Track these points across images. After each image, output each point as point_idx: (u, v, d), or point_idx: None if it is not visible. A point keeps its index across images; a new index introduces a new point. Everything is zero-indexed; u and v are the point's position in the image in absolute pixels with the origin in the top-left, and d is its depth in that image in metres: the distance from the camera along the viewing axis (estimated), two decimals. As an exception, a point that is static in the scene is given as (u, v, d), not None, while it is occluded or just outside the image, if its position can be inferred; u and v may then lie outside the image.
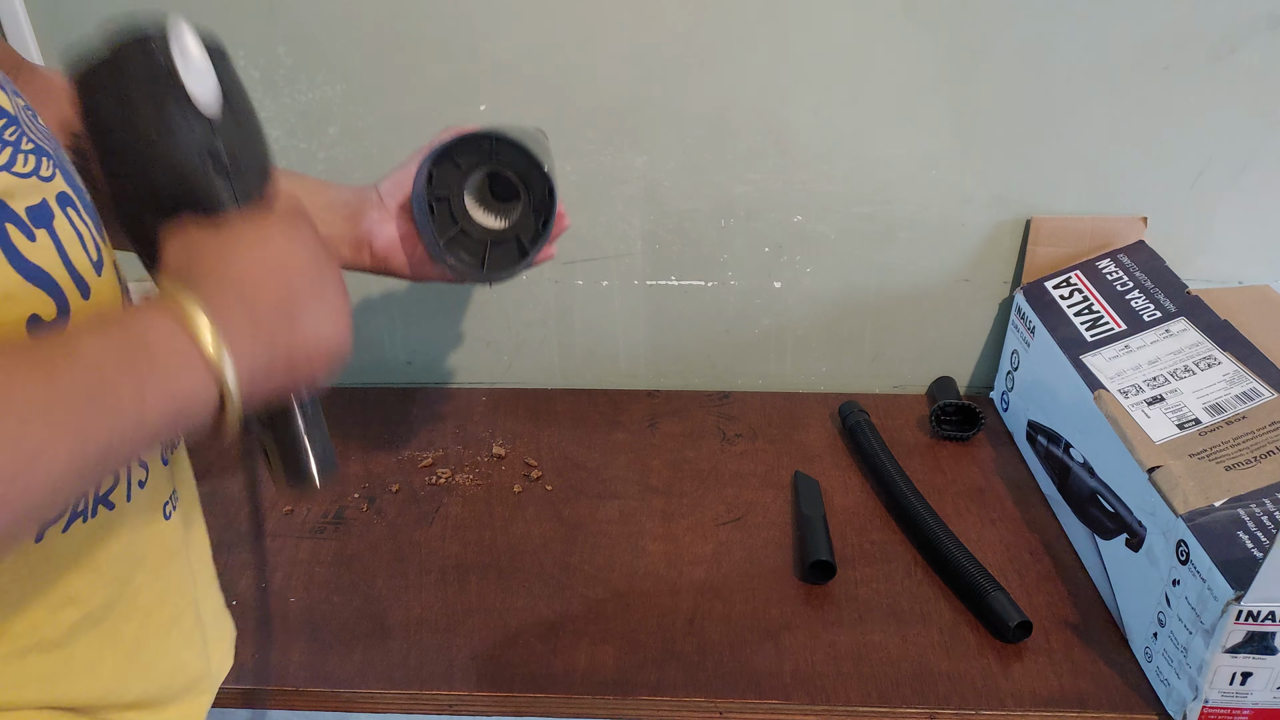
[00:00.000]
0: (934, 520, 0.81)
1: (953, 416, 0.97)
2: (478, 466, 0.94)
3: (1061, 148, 0.92)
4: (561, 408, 1.04)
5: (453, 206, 0.62)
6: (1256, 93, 0.88)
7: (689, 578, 0.79)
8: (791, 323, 1.04)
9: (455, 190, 0.61)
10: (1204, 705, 0.63)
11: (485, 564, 0.81)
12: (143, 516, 0.47)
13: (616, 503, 0.88)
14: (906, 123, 0.92)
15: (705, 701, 0.68)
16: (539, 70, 0.91)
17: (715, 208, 0.97)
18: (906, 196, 0.95)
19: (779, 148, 0.93)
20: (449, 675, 0.70)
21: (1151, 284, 0.87)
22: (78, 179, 0.45)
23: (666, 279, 1.02)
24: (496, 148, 0.59)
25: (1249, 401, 0.71)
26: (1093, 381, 0.79)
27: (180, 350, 0.39)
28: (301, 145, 0.95)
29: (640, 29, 0.88)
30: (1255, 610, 0.58)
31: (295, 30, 0.90)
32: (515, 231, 0.62)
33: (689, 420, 1.01)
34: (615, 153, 0.95)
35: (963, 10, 0.86)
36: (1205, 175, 0.93)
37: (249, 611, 0.75)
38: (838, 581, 0.78)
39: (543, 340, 1.06)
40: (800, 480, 0.90)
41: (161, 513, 0.49)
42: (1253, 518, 0.62)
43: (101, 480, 0.38)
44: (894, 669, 0.70)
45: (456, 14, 0.89)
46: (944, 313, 1.02)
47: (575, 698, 0.68)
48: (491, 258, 0.62)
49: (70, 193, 0.42)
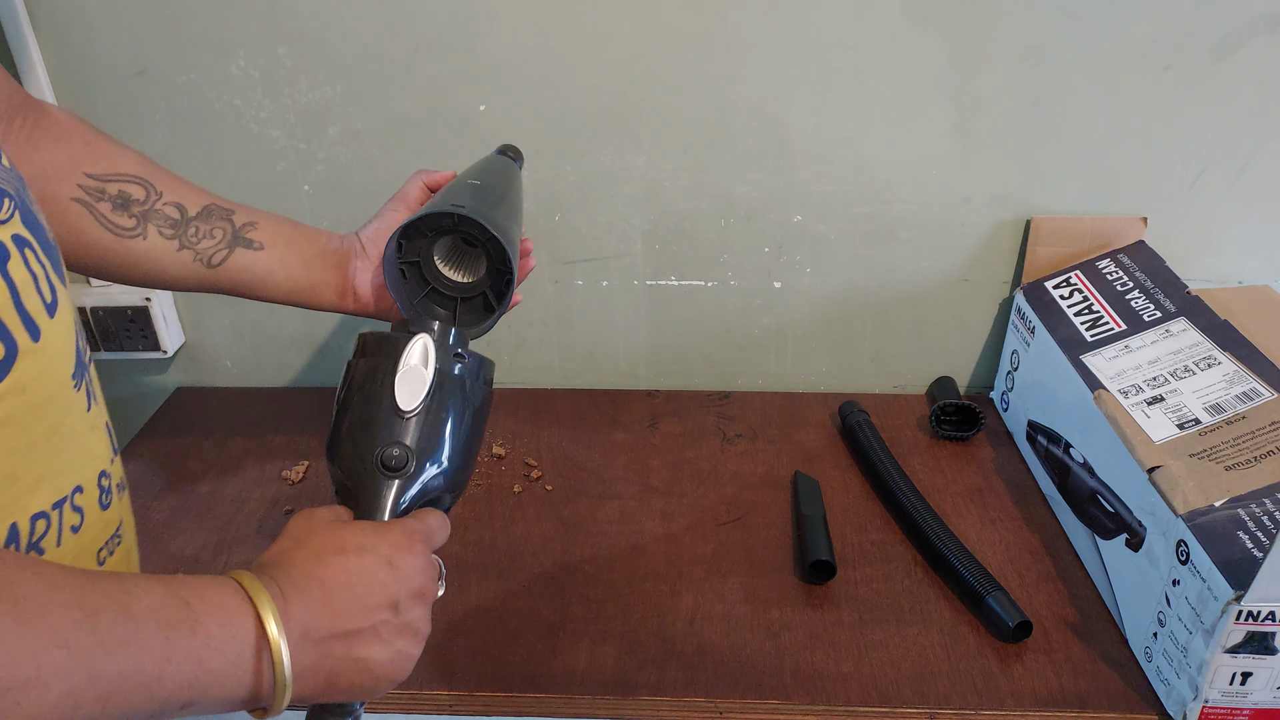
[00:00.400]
0: (934, 520, 0.81)
1: (953, 416, 0.97)
2: (477, 466, 0.94)
3: (1061, 148, 0.92)
4: (561, 408, 1.04)
5: (423, 269, 0.65)
6: (1257, 93, 0.88)
7: (689, 578, 0.79)
8: (791, 323, 1.04)
9: (425, 254, 0.64)
10: (1204, 705, 0.63)
11: (485, 564, 0.81)
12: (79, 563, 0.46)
13: (616, 503, 0.88)
14: (906, 123, 0.92)
15: (705, 701, 0.68)
16: (539, 70, 0.91)
17: (715, 208, 0.97)
18: (906, 196, 0.95)
19: (779, 148, 0.93)
20: (449, 675, 0.70)
21: (1151, 284, 0.87)
22: (40, 217, 0.45)
23: (666, 279, 1.02)
24: (459, 222, 0.62)
25: (1249, 401, 0.71)
26: (1093, 381, 0.79)
27: (235, 633, 0.41)
28: (301, 145, 0.95)
29: (640, 29, 0.89)
30: (1255, 610, 0.58)
31: (295, 30, 0.90)
32: (483, 287, 0.64)
33: (689, 420, 1.01)
34: (615, 153, 0.95)
35: (963, 10, 0.86)
36: (1205, 175, 0.93)
37: (249, 611, 0.76)
38: (838, 581, 0.78)
39: (543, 340, 1.07)
40: (800, 480, 0.90)
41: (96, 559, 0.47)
42: (1253, 518, 0.62)
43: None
44: (894, 669, 0.70)
45: (456, 14, 0.89)
46: (944, 313, 1.02)
47: (575, 698, 0.68)
48: (462, 315, 0.65)
49: (27, 234, 0.42)
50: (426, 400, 0.53)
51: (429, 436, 0.53)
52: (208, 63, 0.92)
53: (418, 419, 0.52)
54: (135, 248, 0.65)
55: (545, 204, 0.98)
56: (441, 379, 0.54)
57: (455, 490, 0.55)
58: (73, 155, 0.62)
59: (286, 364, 1.10)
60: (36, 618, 0.33)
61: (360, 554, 0.47)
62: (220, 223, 0.67)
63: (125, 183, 0.64)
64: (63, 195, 0.62)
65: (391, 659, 0.47)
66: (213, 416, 1.04)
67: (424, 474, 0.52)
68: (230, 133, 0.95)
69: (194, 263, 0.67)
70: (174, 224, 0.66)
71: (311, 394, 1.08)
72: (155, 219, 0.65)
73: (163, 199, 0.65)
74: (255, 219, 0.69)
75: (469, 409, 0.55)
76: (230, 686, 0.41)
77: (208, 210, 0.67)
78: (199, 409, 1.06)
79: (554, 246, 1.00)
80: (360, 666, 0.46)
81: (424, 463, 0.52)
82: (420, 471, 0.52)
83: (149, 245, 0.65)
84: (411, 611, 0.48)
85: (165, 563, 0.81)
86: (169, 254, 0.66)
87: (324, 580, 0.46)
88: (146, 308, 1.01)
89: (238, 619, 0.41)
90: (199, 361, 1.10)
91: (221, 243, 0.67)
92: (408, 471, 0.52)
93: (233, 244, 0.67)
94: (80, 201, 0.62)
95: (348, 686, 0.46)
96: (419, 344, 0.54)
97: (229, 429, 1.01)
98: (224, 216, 0.68)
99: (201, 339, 1.08)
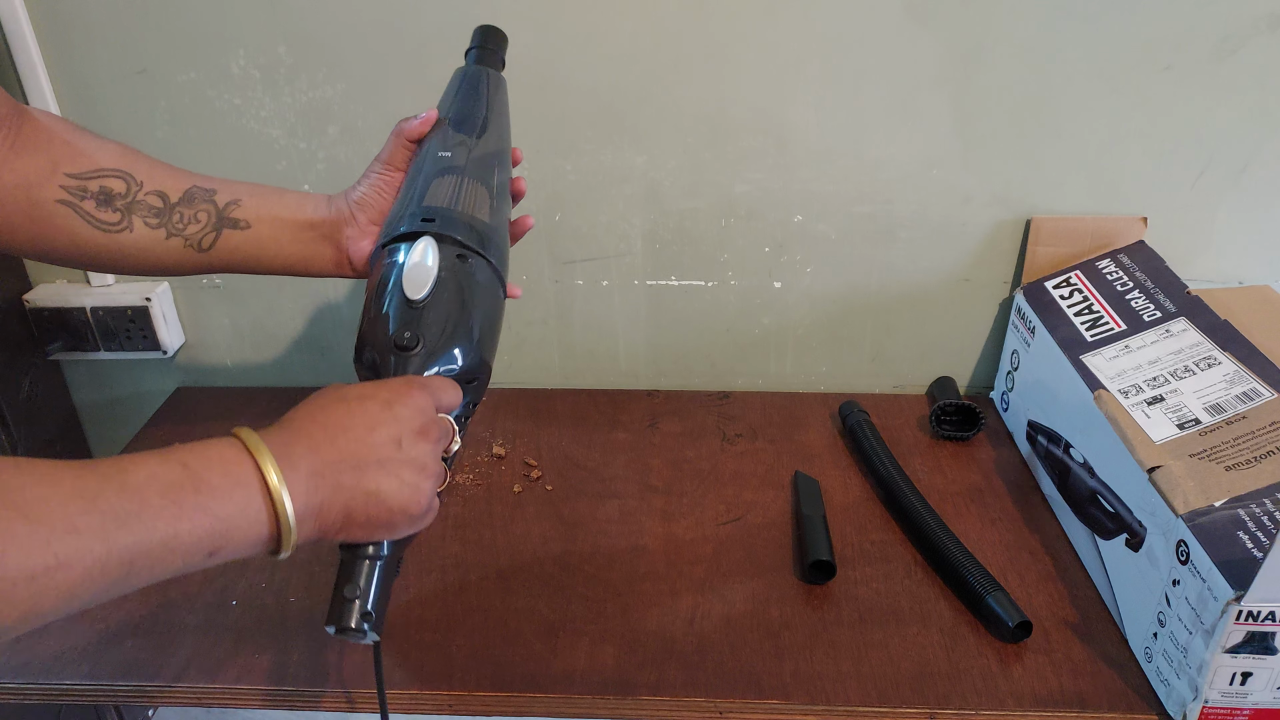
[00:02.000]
0: (934, 520, 0.81)
1: (953, 416, 0.97)
2: (478, 466, 0.94)
3: (1061, 148, 0.92)
4: (561, 407, 1.04)
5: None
6: (1257, 93, 0.88)
7: (689, 578, 0.79)
8: (791, 322, 1.04)
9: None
10: (1204, 705, 0.63)
11: (485, 564, 0.81)
12: None
13: (616, 502, 0.88)
14: (906, 123, 0.91)
15: (705, 701, 0.68)
16: (539, 70, 0.91)
17: (715, 207, 0.97)
18: (906, 196, 0.95)
19: (779, 147, 0.93)
20: (449, 675, 0.70)
21: (1151, 284, 0.87)
22: None
23: (666, 279, 1.02)
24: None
25: (1249, 401, 0.71)
26: (1093, 381, 0.79)
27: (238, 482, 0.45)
28: (301, 145, 0.95)
29: (640, 28, 0.88)
30: (1255, 610, 0.58)
31: (295, 30, 0.90)
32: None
33: (689, 420, 1.01)
34: (615, 152, 0.95)
35: (963, 10, 0.86)
36: (1205, 175, 0.93)
37: (249, 611, 0.76)
38: (838, 581, 0.78)
39: (543, 340, 1.06)
40: (800, 480, 0.90)
41: None
42: (1253, 518, 0.62)
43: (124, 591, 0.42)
44: (894, 669, 0.70)
45: (456, 14, 0.89)
46: (944, 313, 1.02)
47: (575, 698, 0.68)
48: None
49: None
50: (433, 290, 0.58)
51: (437, 321, 0.58)
52: (208, 62, 0.92)
53: (427, 307, 0.58)
54: (125, 241, 0.65)
55: (545, 204, 0.98)
56: (446, 273, 0.59)
57: (471, 378, 0.60)
58: (53, 158, 0.63)
59: (286, 364, 1.10)
60: (43, 512, 0.38)
61: (361, 400, 0.52)
62: (204, 205, 0.67)
63: (105, 178, 0.64)
64: (48, 199, 0.62)
65: (401, 489, 0.51)
66: (213, 416, 1.04)
67: (435, 354, 0.58)
68: (230, 131, 0.95)
69: (185, 248, 0.67)
70: (158, 213, 0.66)
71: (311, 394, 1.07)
72: (139, 210, 0.65)
73: (144, 189, 0.65)
74: (238, 196, 0.68)
75: (476, 300, 0.61)
76: (248, 529, 0.45)
77: (190, 195, 0.67)
78: (199, 409, 1.06)
79: (554, 246, 1.00)
80: (374, 500, 0.50)
81: (434, 344, 0.58)
82: (431, 352, 0.58)
83: (137, 237, 0.65)
84: (416, 448, 0.52)
85: (165, 562, 0.81)
86: (159, 243, 0.66)
87: (326, 423, 0.50)
88: (146, 308, 1.01)
89: (237, 467, 0.45)
90: (199, 361, 1.10)
91: (207, 227, 0.67)
92: (419, 351, 0.57)
93: (219, 226, 0.67)
94: (65, 203, 0.63)
95: (365, 520, 0.50)
96: (422, 244, 0.60)
97: (229, 429, 1.01)
98: (207, 199, 0.67)
99: (201, 339, 1.08)
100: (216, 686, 0.69)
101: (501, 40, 0.76)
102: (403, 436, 0.51)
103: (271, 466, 0.46)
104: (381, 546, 0.54)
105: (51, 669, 0.71)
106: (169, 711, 1.35)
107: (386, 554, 0.54)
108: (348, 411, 0.51)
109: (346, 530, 0.51)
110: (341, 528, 0.50)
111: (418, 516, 0.53)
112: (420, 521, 0.53)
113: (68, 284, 1.04)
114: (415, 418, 0.53)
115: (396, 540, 0.54)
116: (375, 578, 0.53)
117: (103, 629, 0.74)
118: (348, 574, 0.53)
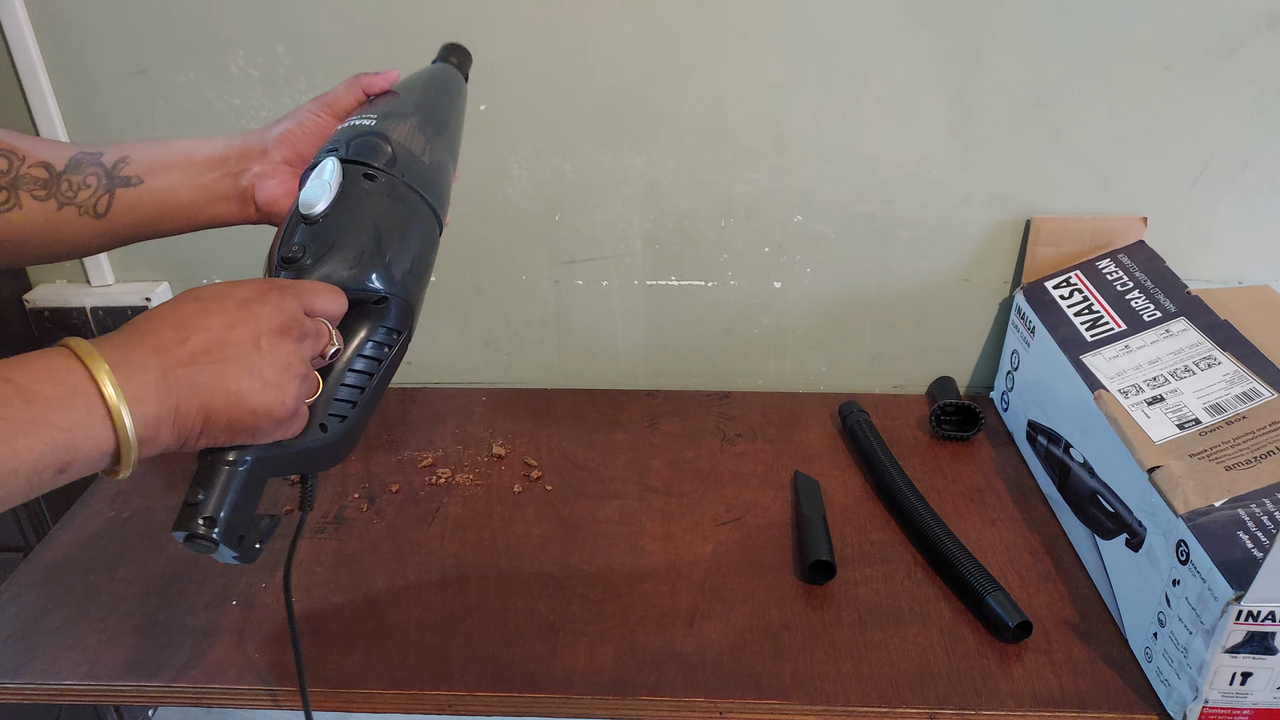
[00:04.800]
0: (934, 520, 0.81)
1: (953, 416, 0.97)
2: (477, 466, 0.94)
3: (1061, 148, 0.92)
4: (561, 408, 1.04)
5: None
6: (1257, 93, 0.88)
7: (689, 578, 0.79)
8: (791, 323, 1.04)
9: None
10: (1204, 705, 0.63)
11: (485, 564, 0.81)
12: None
13: (616, 503, 0.88)
14: (906, 123, 0.91)
15: (705, 701, 0.68)
16: (539, 70, 0.91)
17: (715, 208, 0.97)
18: (906, 196, 0.95)
19: (779, 148, 0.93)
20: (449, 675, 0.70)
21: (1151, 284, 0.87)
22: None
23: (666, 279, 1.02)
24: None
25: (1249, 401, 0.71)
26: (1093, 381, 0.79)
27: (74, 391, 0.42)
28: (301, 145, 0.95)
29: (640, 29, 0.88)
30: (1255, 610, 0.58)
31: (294, 31, 0.90)
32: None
33: (689, 420, 1.01)
34: (615, 153, 0.95)
35: (963, 10, 0.86)
36: (1205, 175, 0.93)
37: (249, 612, 0.76)
38: (838, 581, 0.78)
39: (542, 340, 1.06)
40: (800, 480, 0.90)
41: None
42: (1253, 518, 0.62)
43: None
44: (894, 669, 0.70)
45: (456, 14, 0.89)
46: (944, 313, 1.02)
47: (575, 698, 0.68)
48: None
49: None
50: (330, 206, 0.57)
51: (329, 234, 0.57)
52: (207, 62, 0.92)
53: (321, 223, 0.57)
54: (16, 220, 0.62)
55: (545, 204, 0.98)
56: (346, 189, 0.58)
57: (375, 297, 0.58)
58: None
59: (286, 364, 1.09)
60: None
61: (218, 299, 0.49)
62: (91, 169, 0.64)
63: None
64: None
65: (264, 389, 0.49)
66: (212, 416, 1.04)
67: (321, 264, 0.56)
68: (230, 132, 0.95)
69: (81, 217, 0.63)
70: (44, 184, 0.62)
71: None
72: (24, 184, 0.62)
73: (26, 163, 0.62)
74: (126, 153, 0.65)
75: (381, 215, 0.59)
76: (96, 438, 0.43)
77: (75, 161, 0.63)
78: (199, 409, 1.06)
79: (554, 246, 1.00)
80: (235, 401, 0.48)
81: (320, 255, 0.56)
82: (318, 264, 0.56)
83: (28, 213, 0.62)
84: (277, 348, 0.50)
85: (166, 563, 0.81)
86: (52, 215, 0.63)
87: (177, 322, 0.48)
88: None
89: (69, 375, 0.42)
90: (199, 361, 1.10)
91: (98, 190, 0.63)
92: (303, 264, 0.56)
93: (110, 187, 0.63)
94: None
95: (226, 424, 0.48)
96: (326, 162, 0.58)
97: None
98: (93, 161, 0.64)
99: (201, 339, 1.08)
100: (216, 686, 0.69)
101: (466, 58, 0.75)
102: (261, 335, 0.49)
103: (105, 372, 0.43)
104: (244, 453, 0.51)
105: (51, 669, 0.71)
106: (169, 711, 1.35)
107: (250, 463, 0.51)
108: (202, 310, 0.49)
109: (208, 435, 0.48)
110: (202, 432, 0.48)
111: (282, 420, 0.50)
112: (286, 426, 0.51)
113: (68, 284, 1.04)
114: (275, 316, 0.50)
115: (267, 459, 0.52)
116: (232, 485, 0.51)
117: (103, 629, 0.74)
118: (201, 479, 0.51)
